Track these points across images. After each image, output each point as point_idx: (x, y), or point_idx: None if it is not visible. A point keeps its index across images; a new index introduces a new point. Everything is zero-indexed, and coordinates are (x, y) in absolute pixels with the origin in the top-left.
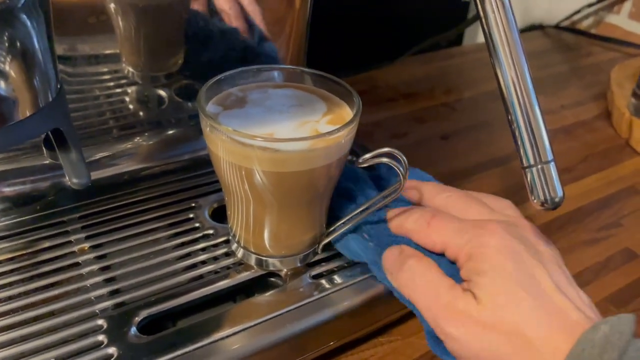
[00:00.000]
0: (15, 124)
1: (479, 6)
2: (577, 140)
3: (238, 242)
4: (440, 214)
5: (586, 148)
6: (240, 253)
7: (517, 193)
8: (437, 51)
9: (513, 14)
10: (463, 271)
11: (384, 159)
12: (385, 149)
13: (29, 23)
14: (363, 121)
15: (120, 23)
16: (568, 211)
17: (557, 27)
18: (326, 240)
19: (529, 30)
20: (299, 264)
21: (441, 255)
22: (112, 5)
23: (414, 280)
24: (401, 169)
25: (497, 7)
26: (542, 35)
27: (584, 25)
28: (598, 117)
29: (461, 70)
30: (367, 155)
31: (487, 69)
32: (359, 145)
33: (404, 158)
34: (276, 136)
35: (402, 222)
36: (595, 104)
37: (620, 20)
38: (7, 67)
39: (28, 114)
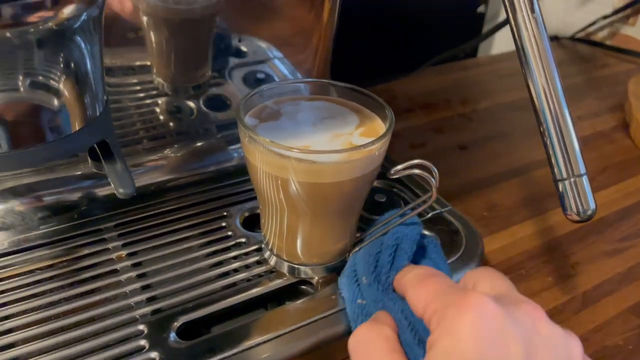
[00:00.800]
0: (67, 136)
1: (510, 16)
2: (596, 152)
3: (271, 250)
4: (440, 275)
5: (605, 159)
6: (273, 261)
7: (538, 202)
8: (453, 63)
9: (544, 22)
10: (430, 337)
11: (416, 170)
12: (416, 161)
13: (83, 43)
14: None
15: (152, 37)
16: (589, 223)
17: (572, 38)
18: (355, 250)
19: None
20: (329, 273)
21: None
22: (144, 20)
23: (357, 347)
24: (432, 180)
25: (529, 16)
26: (557, 47)
27: (599, 36)
28: (615, 128)
29: (476, 81)
30: (399, 167)
31: (502, 80)
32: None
33: (435, 169)
34: (312, 148)
35: (404, 274)
36: (612, 115)
37: (636, 32)
38: (61, 84)
39: (79, 127)
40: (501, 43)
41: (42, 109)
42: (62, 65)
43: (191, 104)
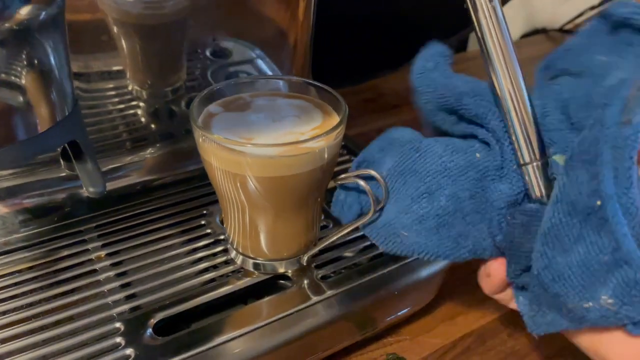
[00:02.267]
0: (36, 137)
1: (472, 15)
2: None
3: (236, 249)
4: None
5: None
6: (239, 260)
7: None
8: None
9: (505, 20)
10: None
11: (360, 181)
12: (363, 171)
13: (45, 40)
14: (368, 128)
15: (126, 43)
16: None
17: (560, 30)
18: (314, 251)
19: (532, 34)
20: (297, 266)
21: None
22: (117, 26)
23: None
24: (372, 194)
25: (490, 15)
26: (546, 40)
27: None
28: None
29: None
30: (344, 175)
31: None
32: (362, 149)
33: (384, 182)
34: (255, 142)
35: None
36: None
37: None
38: (26, 83)
39: (47, 127)
40: None
41: (7, 110)
42: (25, 65)
43: (171, 106)
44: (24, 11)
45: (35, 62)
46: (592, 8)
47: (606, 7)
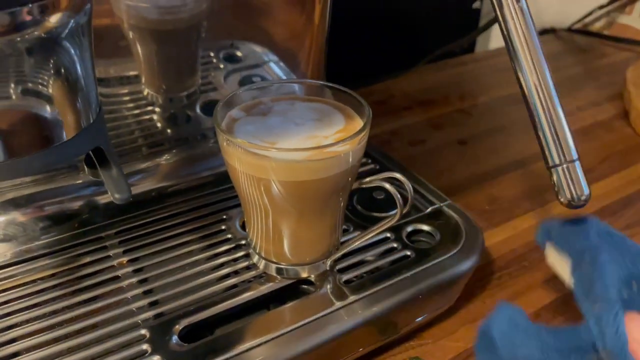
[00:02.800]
0: (62, 144)
1: (498, 11)
2: (596, 141)
3: (259, 254)
4: None
5: (605, 148)
6: (262, 264)
7: (538, 195)
8: (450, 59)
9: (531, 16)
10: None
11: (386, 184)
12: (389, 174)
13: (72, 50)
14: (380, 130)
15: (142, 48)
16: (591, 211)
17: (569, 30)
18: (337, 255)
19: (541, 34)
20: (319, 271)
21: None
22: (133, 31)
23: None
24: (399, 197)
25: (516, 11)
26: (554, 39)
27: (596, 27)
28: (615, 117)
29: (475, 76)
30: (368, 179)
31: (500, 74)
32: (379, 152)
33: (410, 185)
34: (279, 146)
35: None
36: (611, 104)
37: (633, 20)
38: (53, 92)
39: (73, 134)
40: (499, 37)
41: (35, 117)
42: (53, 73)
43: (187, 110)
44: (53, 19)
45: (63, 70)
46: (601, 7)
47: None
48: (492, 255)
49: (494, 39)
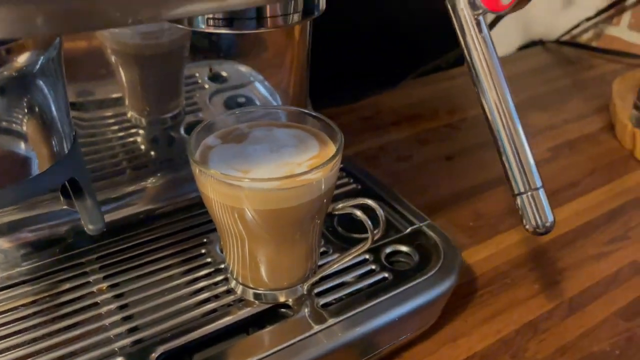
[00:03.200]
0: (35, 177)
1: (462, 41)
2: (582, 154)
3: (236, 279)
4: None
5: (591, 161)
6: (239, 290)
7: None
8: (438, 73)
9: (494, 45)
10: None
11: (357, 211)
12: (360, 200)
13: (44, 84)
14: (367, 146)
15: (126, 72)
16: (576, 226)
17: (557, 42)
18: (314, 279)
19: (529, 46)
20: (296, 295)
21: None
22: (115, 56)
23: None
24: (369, 223)
25: (479, 40)
26: (543, 51)
27: (585, 38)
28: (602, 129)
29: (463, 90)
30: (340, 205)
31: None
32: (362, 171)
33: (382, 212)
34: (252, 175)
35: None
36: (598, 117)
37: (620, 32)
38: (26, 127)
39: (46, 167)
40: None
41: (8, 152)
42: (25, 109)
43: (171, 132)
44: (23, 58)
45: (35, 105)
46: (588, 19)
47: None
48: (475, 273)
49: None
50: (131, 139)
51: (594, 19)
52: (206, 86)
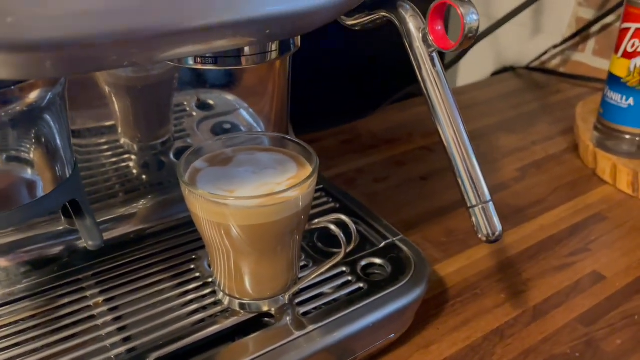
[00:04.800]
0: (40, 198)
1: (418, 74)
2: (547, 174)
3: (223, 291)
4: None
5: (556, 180)
6: (226, 300)
7: None
8: (413, 99)
9: (446, 77)
10: None
11: (331, 226)
12: (335, 216)
13: (50, 116)
14: (347, 168)
15: (119, 101)
16: (539, 240)
17: (527, 68)
18: (295, 289)
19: (501, 72)
20: (278, 304)
21: None
22: (109, 88)
23: None
24: (342, 237)
25: (433, 74)
26: (514, 77)
27: (553, 64)
28: (566, 150)
29: None
30: (316, 221)
31: (464, 111)
32: (340, 191)
33: (354, 227)
34: (236, 194)
35: None
36: (563, 138)
37: (586, 58)
38: (32, 155)
39: (50, 189)
40: (464, 75)
41: (17, 178)
42: (33, 139)
43: (161, 157)
44: (33, 95)
45: (41, 135)
46: (555, 46)
47: None
48: (447, 285)
49: (460, 77)
50: (124, 164)
51: (561, 46)
52: (194, 114)
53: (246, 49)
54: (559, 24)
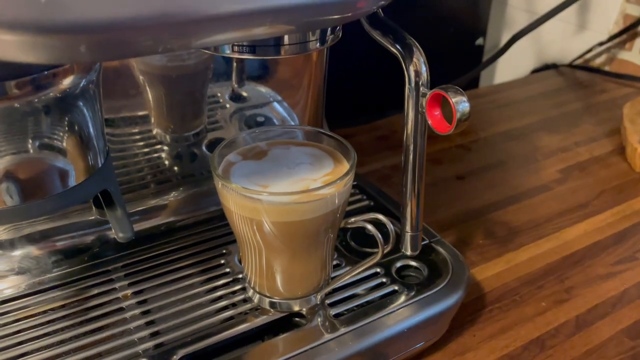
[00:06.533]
0: (72, 188)
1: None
2: (592, 177)
3: (253, 288)
4: None
5: (600, 183)
6: (256, 298)
7: (534, 229)
8: None
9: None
10: None
11: (368, 226)
12: (371, 215)
13: (83, 104)
14: (382, 165)
15: (152, 91)
16: (585, 246)
17: (570, 65)
18: (327, 289)
19: (543, 69)
20: (310, 304)
21: None
22: (143, 77)
23: None
24: (380, 237)
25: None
26: (556, 75)
27: (597, 63)
28: (612, 152)
29: (476, 112)
30: (352, 219)
31: (501, 110)
32: (375, 188)
33: (392, 226)
34: (270, 189)
35: None
36: (609, 140)
37: (633, 56)
38: (65, 143)
39: (82, 179)
40: (502, 73)
41: (50, 166)
42: (66, 126)
43: (193, 149)
44: (67, 81)
45: (74, 123)
46: (601, 44)
47: None
48: (484, 289)
49: (498, 75)
50: (156, 155)
51: (607, 43)
52: (227, 105)
53: (285, 38)
54: (605, 20)
